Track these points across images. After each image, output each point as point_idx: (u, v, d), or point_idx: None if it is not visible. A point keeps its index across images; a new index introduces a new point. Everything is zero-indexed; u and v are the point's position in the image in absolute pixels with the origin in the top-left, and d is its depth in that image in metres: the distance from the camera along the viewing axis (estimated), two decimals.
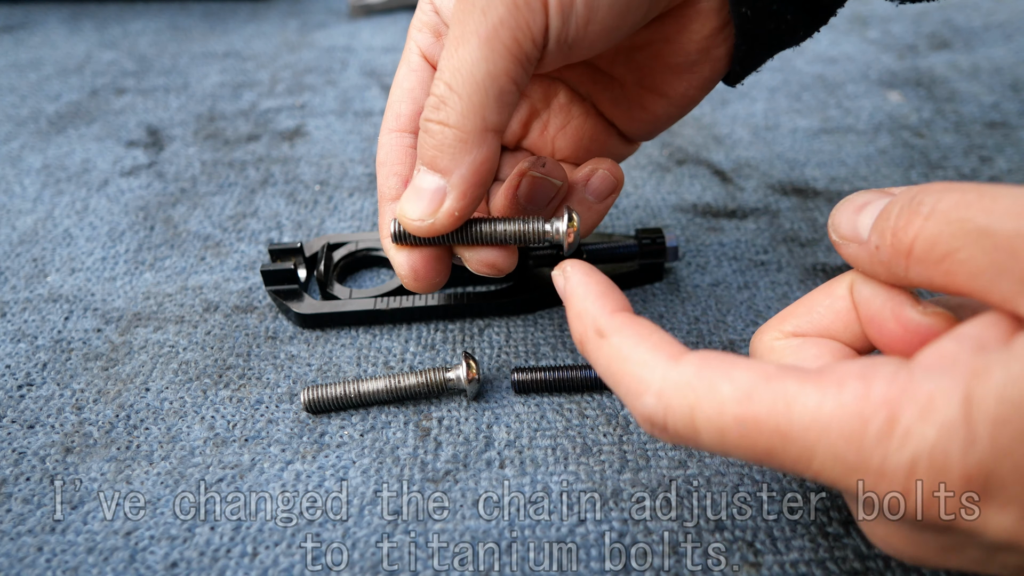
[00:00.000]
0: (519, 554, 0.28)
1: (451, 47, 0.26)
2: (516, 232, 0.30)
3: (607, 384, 0.25)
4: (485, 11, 0.25)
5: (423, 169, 0.28)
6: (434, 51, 0.32)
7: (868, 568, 0.27)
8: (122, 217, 0.50)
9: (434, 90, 0.27)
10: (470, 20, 0.25)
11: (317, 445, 0.33)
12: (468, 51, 0.25)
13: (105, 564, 0.29)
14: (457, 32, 0.26)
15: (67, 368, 0.38)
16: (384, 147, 0.33)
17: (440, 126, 0.27)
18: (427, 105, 0.27)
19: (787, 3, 0.28)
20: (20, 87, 0.70)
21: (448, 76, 0.26)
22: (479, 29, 0.25)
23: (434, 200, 0.28)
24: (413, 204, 0.28)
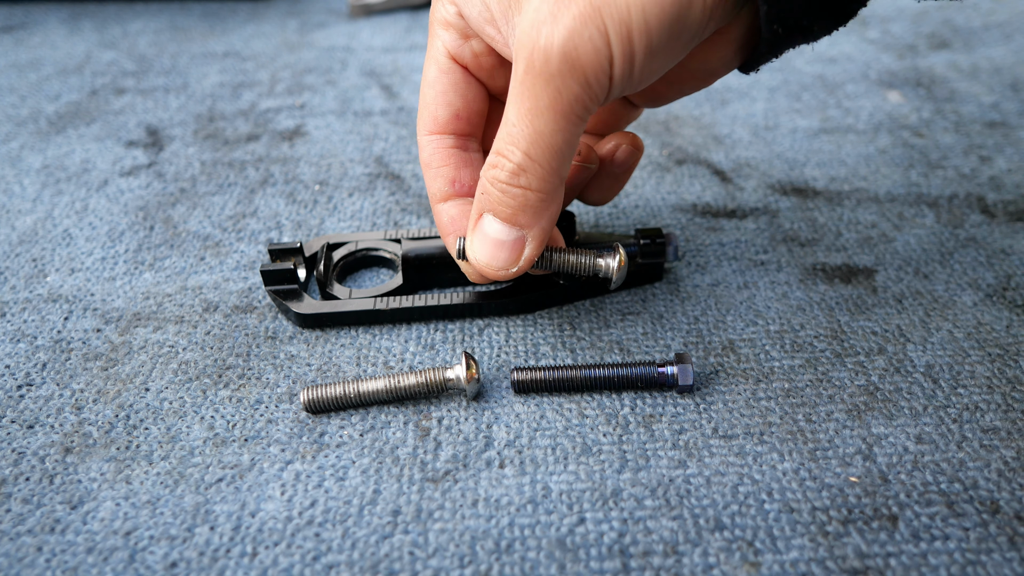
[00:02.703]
0: (519, 554, 0.28)
1: (525, 117, 0.28)
2: (572, 264, 0.35)
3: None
4: (560, 90, 0.27)
5: (498, 222, 0.31)
6: (462, 53, 0.33)
7: (868, 568, 0.27)
8: (122, 217, 0.50)
9: (510, 156, 0.29)
10: (544, 95, 0.27)
11: (317, 445, 0.33)
12: (545, 124, 0.28)
13: (105, 564, 0.29)
14: (530, 104, 0.28)
15: (67, 368, 0.38)
16: (426, 149, 0.35)
17: (522, 190, 0.30)
18: (501, 168, 0.30)
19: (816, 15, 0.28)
20: (20, 87, 0.70)
21: (526, 146, 0.29)
22: (555, 105, 0.27)
23: (515, 250, 0.32)
24: (496, 256, 0.32)
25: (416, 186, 0.53)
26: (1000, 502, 0.30)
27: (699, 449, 0.32)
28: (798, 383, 0.35)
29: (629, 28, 0.26)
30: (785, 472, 0.31)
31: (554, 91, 0.27)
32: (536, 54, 0.27)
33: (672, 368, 0.34)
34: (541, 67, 0.27)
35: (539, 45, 0.26)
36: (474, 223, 0.33)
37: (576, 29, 0.26)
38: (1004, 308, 0.39)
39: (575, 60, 0.26)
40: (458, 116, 0.34)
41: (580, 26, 0.26)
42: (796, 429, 0.33)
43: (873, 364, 0.36)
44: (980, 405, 0.34)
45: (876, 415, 0.34)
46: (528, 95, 0.28)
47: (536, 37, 0.26)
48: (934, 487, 0.30)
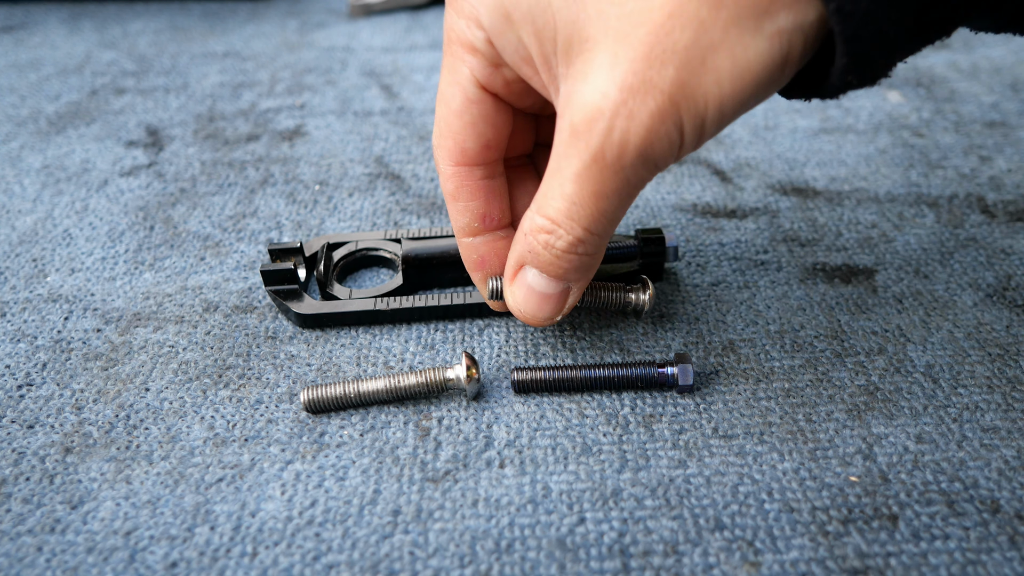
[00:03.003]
0: (519, 554, 0.28)
1: (590, 200, 0.28)
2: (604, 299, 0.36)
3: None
4: (630, 179, 0.27)
5: (546, 277, 0.32)
6: (493, 81, 0.31)
7: (868, 567, 0.27)
8: (122, 217, 0.50)
9: (570, 230, 0.29)
10: (612, 183, 0.27)
11: (317, 445, 0.33)
12: (609, 204, 0.28)
13: (105, 564, 0.29)
14: (595, 189, 0.27)
15: (67, 368, 0.38)
16: (451, 181, 0.33)
17: (578, 256, 0.30)
18: (558, 237, 0.29)
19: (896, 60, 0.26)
20: (20, 87, 0.70)
21: (588, 224, 0.29)
22: (622, 190, 0.27)
23: (560, 302, 0.33)
24: (541, 308, 0.33)
25: (416, 186, 0.53)
26: (1000, 501, 0.30)
27: (699, 449, 0.32)
28: (798, 383, 0.35)
29: (704, 118, 0.26)
30: (785, 472, 0.31)
31: (623, 180, 0.27)
32: (609, 149, 0.26)
33: (672, 368, 0.34)
34: (613, 161, 0.26)
35: (613, 140, 0.26)
36: (514, 273, 0.33)
37: (654, 129, 0.25)
38: (1004, 308, 0.39)
39: (649, 156, 0.26)
40: (488, 146, 0.32)
41: (658, 125, 0.25)
42: (796, 429, 0.33)
43: (873, 364, 0.36)
44: (980, 405, 0.34)
45: (876, 415, 0.34)
46: (594, 180, 0.27)
47: (608, 129, 0.26)
48: (934, 486, 0.30)
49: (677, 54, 0.24)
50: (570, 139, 0.27)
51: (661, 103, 0.25)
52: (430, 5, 0.88)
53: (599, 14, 0.25)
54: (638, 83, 0.25)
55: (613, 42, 0.25)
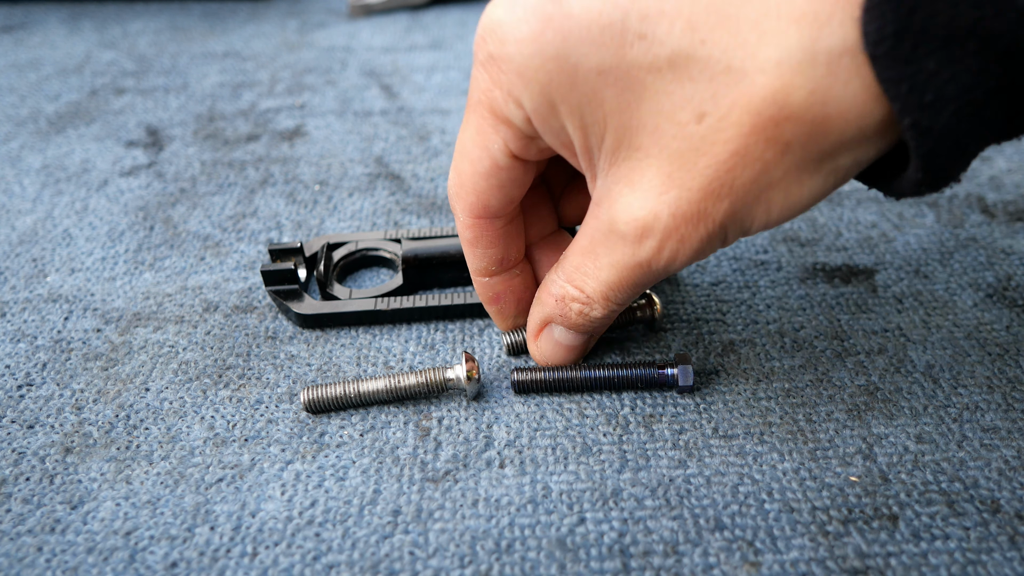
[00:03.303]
0: (519, 554, 0.28)
1: (627, 288, 0.29)
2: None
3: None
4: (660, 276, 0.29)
5: (574, 333, 0.34)
6: (527, 151, 0.29)
7: (868, 567, 0.27)
8: (122, 217, 0.50)
9: (599, 303, 0.31)
10: (649, 280, 0.29)
11: (317, 445, 0.33)
12: (638, 287, 0.30)
13: (105, 564, 0.29)
14: (634, 282, 0.29)
15: (67, 368, 0.38)
16: (471, 230, 0.33)
17: (605, 317, 0.32)
18: (588, 306, 0.31)
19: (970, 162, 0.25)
20: (20, 87, 0.70)
21: (623, 302, 0.31)
22: (650, 273, 0.28)
23: (584, 349, 0.35)
24: (567, 358, 0.35)
25: (416, 186, 0.53)
26: (1001, 501, 0.30)
27: (699, 449, 0.32)
28: (798, 383, 0.35)
29: (748, 233, 0.27)
30: (785, 472, 0.31)
31: (662, 276, 0.29)
32: (655, 263, 0.27)
33: (672, 369, 0.34)
34: (657, 270, 0.28)
35: (661, 257, 0.27)
36: (539, 330, 0.35)
37: (701, 249, 0.27)
38: (1004, 308, 0.39)
39: (689, 263, 0.28)
40: (512, 201, 0.32)
41: (706, 246, 0.27)
42: (796, 429, 0.33)
43: (873, 364, 0.36)
44: (980, 405, 0.34)
45: (876, 415, 0.34)
46: (634, 277, 0.29)
47: (658, 249, 0.27)
48: (934, 486, 0.30)
49: (735, 191, 0.24)
50: (611, 237, 0.28)
51: (712, 230, 0.26)
52: (430, 5, 0.88)
53: (655, 129, 0.25)
54: (693, 213, 0.25)
55: (668, 162, 0.25)
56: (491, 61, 0.27)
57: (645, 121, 0.25)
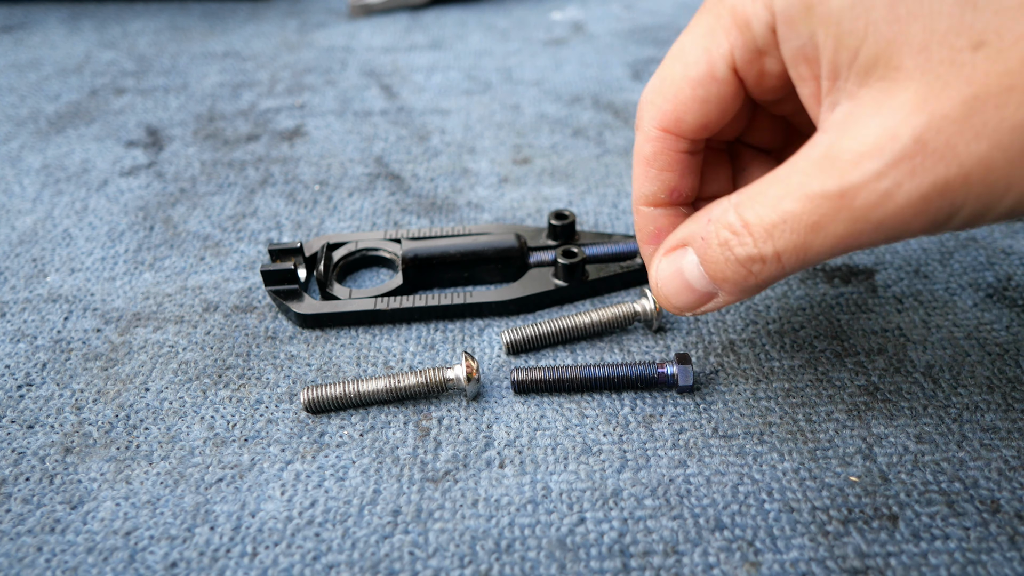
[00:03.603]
0: (519, 554, 0.28)
1: (805, 230, 0.24)
2: (613, 315, 0.38)
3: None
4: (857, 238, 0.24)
5: (700, 269, 0.28)
6: (748, 70, 0.27)
7: (868, 567, 0.27)
8: (122, 217, 0.50)
9: (762, 245, 0.25)
10: (838, 226, 0.24)
11: (317, 445, 0.33)
12: (816, 247, 0.24)
13: (105, 564, 0.29)
14: (815, 221, 0.24)
15: (67, 368, 0.38)
16: (654, 144, 0.30)
17: (747, 273, 0.27)
18: (743, 246, 0.26)
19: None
20: (20, 87, 0.70)
21: (784, 248, 0.25)
22: (843, 241, 0.24)
23: (701, 301, 0.29)
24: (679, 295, 0.30)
25: (416, 186, 0.53)
26: (1000, 501, 0.30)
27: (699, 449, 0.32)
28: (798, 383, 0.35)
29: (989, 209, 0.23)
30: (785, 472, 0.31)
31: (851, 232, 0.24)
32: (864, 195, 0.23)
33: (672, 368, 0.34)
34: (859, 209, 0.23)
35: (875, 188, 0.22)
36: (673, 248, 0.30)
37: (927, 201, 0.22)
38: (1004, 308, 0.39)
39: (897, 226, 0.23)
40: (706, 127, 0.29)
41: (934, 199, 0.22)
42: (796, 429, 0.33)
43: (873, 364, 0.36)
44: (980, 405, 0.34)
45: (876, 415, 0.34)
46: (822, 214, 0.24)
47: (878, 175, 0.22)
48: (934, 486, 0.30)
49: (999, 133, 0.21)
50: (824, 160, 0.24)
51: (951, 177, 0.22)
52: (430, 5, 0.88)
53: (922, 48, 0.22)
54: (939, 144, 0.22)
55: (927, 86, 0.22)
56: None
57: (913, 39, 0.22)
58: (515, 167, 0.54)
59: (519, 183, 0.52)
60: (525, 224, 0.48)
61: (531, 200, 0.50)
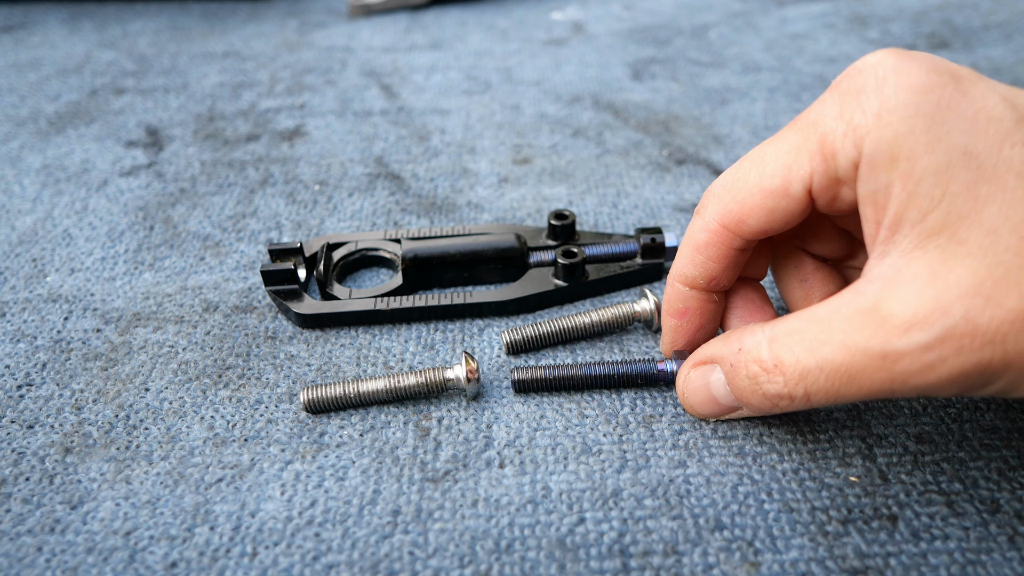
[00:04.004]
0: (519, 554, 0.28)
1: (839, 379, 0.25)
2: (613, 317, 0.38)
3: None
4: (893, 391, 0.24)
5: (727, 389, 0.30)
6: (822, 195, 0.27)
7: (868, 567, 0.27)
8: (121, 217, 0.50)
9: (790, 388, 0.26)
10: (875, 382, 0.24)
11: (317, 445, 0.33)
12: (846, 395, 0.25)
13: (105, 564, 0.29)
14: (852, 375, 0.24)
15: (66, 368, 0.38)
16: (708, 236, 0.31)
17: (772, 405, 0.28)
18: (773, 384, 0.27)
19: None
20: (20, 87, 0.70)
21: (813, 390, 0.26)
22: (872, 393, 0.25)
23: (725, 412, 0.32)
24: (704, 407, 0.32)
25: (416, 186, 0.53)
26: (1000, 501, 0.30)
27: (699, 449, 0.32)
28: None
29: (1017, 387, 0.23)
30: (785, 472, 0.31)
31: (886, 389, 0.24)
32: (910, 364, 0.23)
33: (672, 365, 0.34)
34: (900, 376, 0.23)
35: (921, 361, 0.23)
36: (699, 362, 0.31)
37: (967, 376, 0.23)
38: None
39: (936, 391, 0.24)
40: (766, 232, 0.29)
41: (973, 375, 0.23)
42: (796, 429, 0.33)
43: None
44: (980, 405, 0.34)
45: (876, 415, 0.34)
46: (862, 372, 0.24)
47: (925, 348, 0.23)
48: (934, 486, 0.30)
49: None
50: (870, 315, 0.24)
51: (995, 360, 0.22)
52: (430, 5, 0.88)
53: (991, 231, 0.22)
54: (989, 329, 0.22)
55: (987, 271, 0.22)
56: (854, 94, 0.25)
57: (986, 220, 0.23)
58: (515, 167, 0.54)
59: (519, 183, 0.52)
60: (525, 224, 0.48)
61: (531, 200, 0.50)
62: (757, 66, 0.70)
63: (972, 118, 0.24)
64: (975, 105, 0.24)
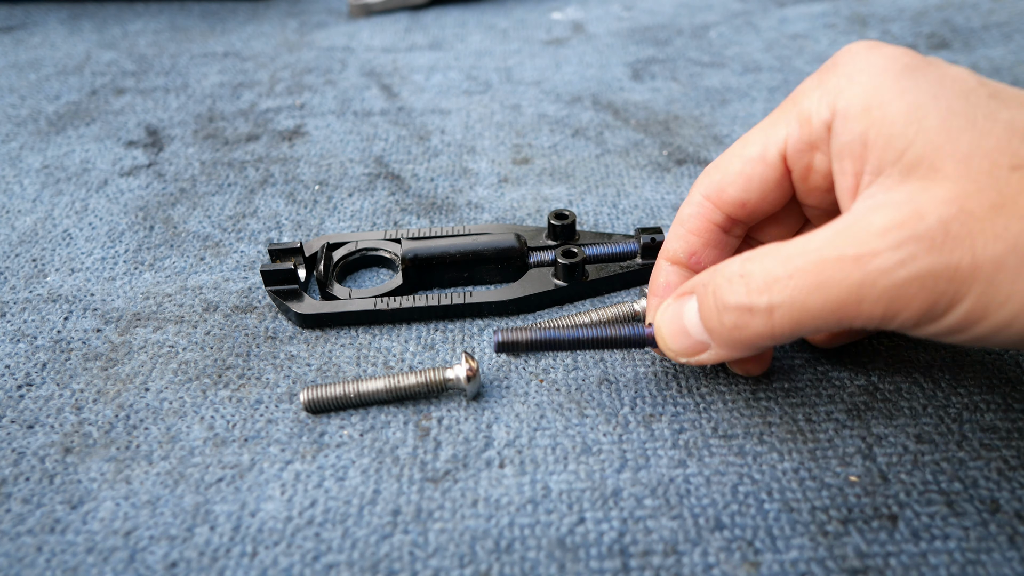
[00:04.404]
0: (519, 554, 0.28)
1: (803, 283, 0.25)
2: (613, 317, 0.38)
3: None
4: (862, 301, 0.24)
5: (697, 318, 0.29)
6: (798, 159, 0.29)
7: (868, 567, 0.27)
8: (121, 217, 0.50)
9: (757, 296, 0.26)
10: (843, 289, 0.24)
11: (317, 445, 0.33)
12: (816, 304, 0.25)
13: (105, 564, 0.29)
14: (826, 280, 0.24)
15: (66, 368, 0.38)
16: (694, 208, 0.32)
17: (734, 327, 0.27)
18: (735, 292, 0.26)
19: None
20: (20, 87, 0.70)
21: (778, 300, 0.25)
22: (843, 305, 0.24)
23: (693, 349, 0.30)
24: (673, 338, 0.31)
25: (416, 186, 0.53)
26: (1000, 501, 0.30)
27: (699, 449, 0.32)
28: (798, 383, 0.35)
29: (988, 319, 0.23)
30: (785, 472, 0.31)
31: (854, 299, 0.24)
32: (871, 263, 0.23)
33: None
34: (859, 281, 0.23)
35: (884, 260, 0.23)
36: (679, 295, 0.31)
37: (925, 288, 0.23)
38: None
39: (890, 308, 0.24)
40: (744, 205, 0.31)
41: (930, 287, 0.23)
42: (796, 429, 0.33)
43: (873, 364, 0.36)
44: (980, 405, 0.34)
45: (876, 415, 0.34)
46: (824, 277, 0.24)
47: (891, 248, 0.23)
48: (934, 486, 0.30)
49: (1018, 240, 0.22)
50: (847, 230, 0.25)
51: (963, 265, 0.22)
52: (430, 5, 0.88)
53: (964, 159, 0.23)
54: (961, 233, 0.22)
55: (961, 187, 0.23)
56: (831, 67, 0.28)
57: (959, 150, 0.24)
58: (515, 167, 0.54)
59: (519, 183, 0.52)
60: (525, 224, 0.48)
61: (531, 200, 0.50)
62: (757, 66, 0.70)
63: (939, 77, 0.26)
64: (941, 69, 0.26)
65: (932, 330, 0.24)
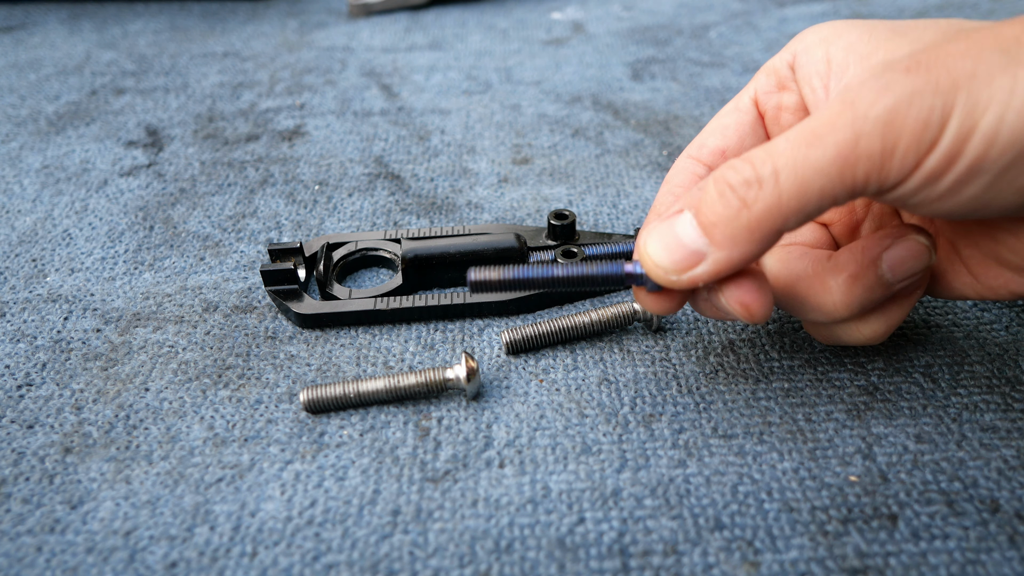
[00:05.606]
0: (519, 554, 0.28)
1: (800, 143, 0.24)
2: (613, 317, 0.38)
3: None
4: (858, 137, 0.24)
5: (693, 224, 0.27)
6: (767, 100, 0.33)
7: (868, 567, 0.27)
8: (121, 217, 0.50)
9: (757, 165, 0.25)
10: (839, 133, 0.24)
11: (316, 445, 0.33)
12: (818, 158, 0.24)
13: (105, 564, 0.29)
14: (822, 130, 0.24)
15: (66, 368, 0.38)
16: (676, 168, 0.34)
17: (741, 204, 0.25)
18: (737, 172, 0.25)
19: None
20: (20, 87, 0.70)
21: (782, 165, 0.25)
22: (842, 150, 0.24)
23: (686, 260, 0.27)
24: (664, 253, 0.27)
25: (416, 186, 0.53)
26: (1000, 501, 0.30)
27: (699, 449, 0.32)
28: (798, 383, 0.35)
29: (976, 128, 0.23)
30: (785, 471, 0.31)
31: (850, 133, 0.24)
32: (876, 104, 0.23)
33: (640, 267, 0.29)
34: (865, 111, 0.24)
35: (870, 90, 0.24)
36: (669, 215, 0.28)
37: (916, 93, 0.23)
38: (1004, 308, 0.39)
39: (892, 123, 0.23)
40: (723, 154, 0.33)
41: (920, 92, 0.23)
42: (796, 429, 0.33)
43: (872, 364, 0.36)
44: (980, 405, 0.34)
45: (876, 415, 0.34)
46: (827, 121, 0.24)
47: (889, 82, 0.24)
48: (934, 486, 0.30)
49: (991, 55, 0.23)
50: (840, 95, 0.25)
51: (942, 80, 0.23)
52: (430, 5, 0.88)
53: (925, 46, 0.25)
54: (934, 62, 0.24)
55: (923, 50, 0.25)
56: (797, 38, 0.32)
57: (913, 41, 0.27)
58: (515, 167, 0.55)
59: (519, 183, 0.52)
60: (525, 224, 0.48)
61: (531, 200, 0.50)
62: (757, 66, 0.69)
63: (890, 25, 0.29)
64: (893, 23, 0.29)
65: (933, 165, 0.24)
